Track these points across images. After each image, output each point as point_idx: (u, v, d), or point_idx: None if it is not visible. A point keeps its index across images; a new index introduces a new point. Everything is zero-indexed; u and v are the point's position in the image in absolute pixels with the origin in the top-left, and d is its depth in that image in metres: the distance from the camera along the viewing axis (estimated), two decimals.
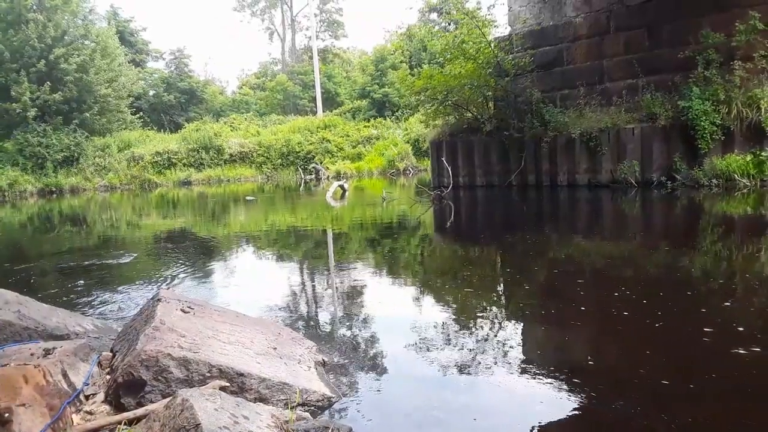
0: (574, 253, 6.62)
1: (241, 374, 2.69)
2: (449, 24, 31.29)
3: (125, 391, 2.62)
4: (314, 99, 39.97)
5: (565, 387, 2.85)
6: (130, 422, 2.42)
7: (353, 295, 5.14)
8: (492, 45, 15.35)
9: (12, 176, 26.47)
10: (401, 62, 37.01)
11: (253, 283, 5.77)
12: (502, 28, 16.98)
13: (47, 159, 27.58)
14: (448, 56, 16.43)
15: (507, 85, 14.75)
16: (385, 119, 33.80)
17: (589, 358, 3.32)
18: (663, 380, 2.83)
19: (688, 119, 11.25)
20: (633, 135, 12.33)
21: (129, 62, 36.41)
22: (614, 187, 12.42)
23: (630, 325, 3.72)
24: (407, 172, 26.96)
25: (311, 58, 42.26)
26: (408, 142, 29.07)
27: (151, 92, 41.83)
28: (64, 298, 5.26)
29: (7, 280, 6.29)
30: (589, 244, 7.22)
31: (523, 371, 3.08)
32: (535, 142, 13.95)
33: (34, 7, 28.46)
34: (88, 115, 29.74)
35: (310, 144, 30.29)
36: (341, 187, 16.89)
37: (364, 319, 4.34)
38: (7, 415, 2.18)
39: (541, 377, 2.98)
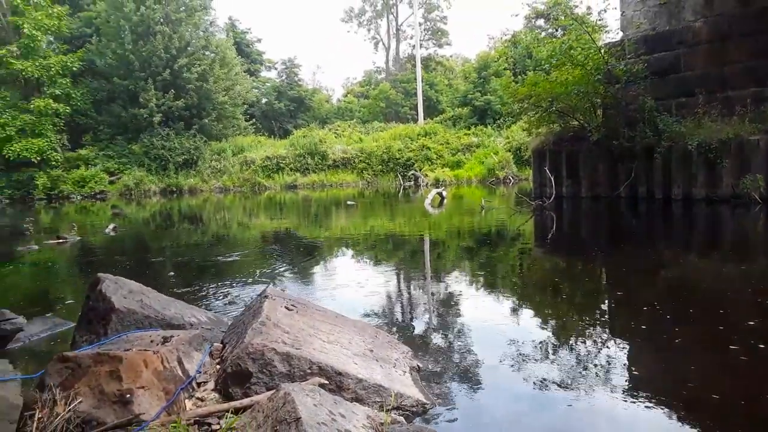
0: (689, 273, 6.19)
1: (340, 373, 2.78)
2: (556, 30, 30.39)
3: (233, 381, 2.80)
4: (416, 107, 40.28)
5: (671, 417, 2.69)
6: (237, 411, 2.56)
7: (449, 303, 5.13)
8: (602, 51, 14.73)
9: (138, 176, 29.02)
10: (505, 69, 36.41)
11: (351, 285, 5.92)
12: (612, 34, 16.32)
13: (169, 161, 29.95)
14: (555, 62, 15.96)
15: (617, 92, 14.08)
16: (486, 127, 33.39)
17: (699, 388, 3.10)
18: None
19: None
20: (758, 147, 11.30)
21: (244, 72, 38.59)
22: (735, 202, 11.44)
23: (750, 355, 3.43)
24: (507, 180, 26.45)
25: (414, 66, 42.66)
26: (509, 151, 28.50)
27: (264, 100, 44.17)
28: (180, 290, 5.69)
29: (131, 271, 6.91)
30: (707, 264, 6.72)
31: (626, 395, 2.93)
32: (647, 152, 13.18)
33: (162, 20, 30.97)
34: (206, 121, 31.96)
35: (410, 151, 30.54)
36: (439, 194, 16.87)
37: (459, 328, 4.32)
38: (129, 396, 2.40)
39: (645, 403, 2.83)
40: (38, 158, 27.64)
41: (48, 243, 10.49)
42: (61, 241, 10.52)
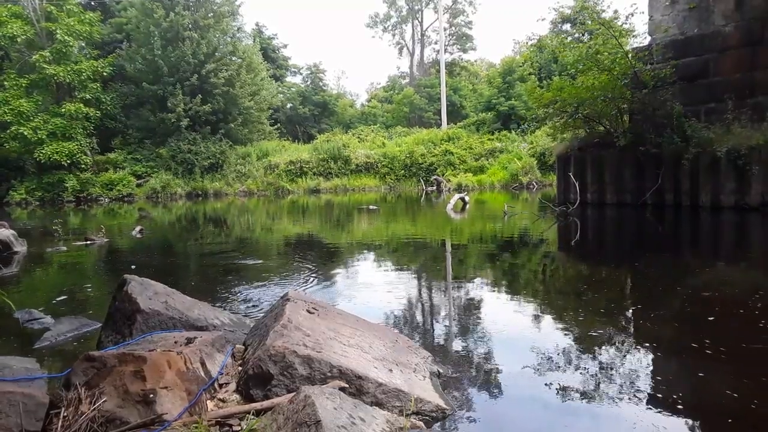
0: (718, 284, 6.05)
1: (360, 377, 2.78)
2: (583, 34, 30.10)
3: (254, 383, 2.81)
4: (439, 112, 40.23)
5: (696, 426, 2.63)
6: (258, 413, 2.58)
7: (470, 309, 5.10)
8: (629, 55, 14.54)
9: (165, 179, 29.51)
10: (530, 74, 36.18)
11: (372, 289, 5.92)
12: (640, 38, 16.08)
13: (195, 165, 30.39)
14: (581, 67, 15.80)
15: (644, 97, 13.87)
16: (510, 132, 33.17)
17: (726, 398, 3.02)
18: None
19: None
20: None
21: (270, 77, 38.99)
22: (765, 210, 11.16)
23: None
24: (531, 186, 26.21)
25: (439, 71, 42.63)
26: (533, 156, 28.25)
27: (288, 105, 44.57)
28: (204, 292, 5.75)
29: (157, 273, 7.01)
30: (736, 275, 6.56)
31: (650, 405, 2.88)
32: (675, 159, 12.95)
33: (190, 26, 31.49)
34: (232, 125, 32.38)
35: (433, 156, 30.51)
36: (462, 199, 16.81)
37: (480, 334, 4.29)
38: (152, 396, 2.43)
39: (669, 413, 2.77)
40: (68, 161, 28.27)
41: (76, 244, 10.71)
42: (88, 242, 10.73)
